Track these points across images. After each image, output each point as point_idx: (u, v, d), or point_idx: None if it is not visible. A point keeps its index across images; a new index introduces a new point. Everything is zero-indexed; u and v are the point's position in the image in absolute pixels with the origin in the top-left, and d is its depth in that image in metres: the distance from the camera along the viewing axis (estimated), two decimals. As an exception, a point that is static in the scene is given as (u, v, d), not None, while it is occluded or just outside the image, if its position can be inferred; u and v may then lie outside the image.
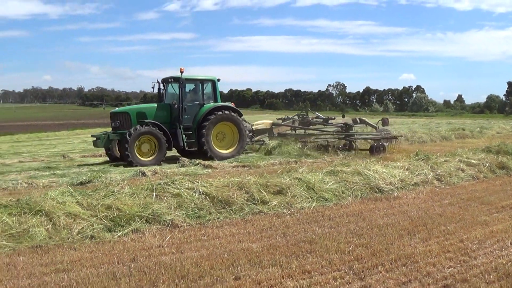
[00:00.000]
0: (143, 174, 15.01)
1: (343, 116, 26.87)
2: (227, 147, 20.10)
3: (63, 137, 40.54)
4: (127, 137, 17.58)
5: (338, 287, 6.15)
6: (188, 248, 7.84)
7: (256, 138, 23.53)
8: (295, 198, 10.73)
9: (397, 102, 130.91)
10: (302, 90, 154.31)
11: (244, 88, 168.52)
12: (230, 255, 7.38)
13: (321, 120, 27.95)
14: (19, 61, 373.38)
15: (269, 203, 10.34)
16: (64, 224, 8.55)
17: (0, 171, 17.25)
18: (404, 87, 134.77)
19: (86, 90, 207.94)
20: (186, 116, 19.41)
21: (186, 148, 19.23)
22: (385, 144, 20.83)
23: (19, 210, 8.77)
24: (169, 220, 9.14)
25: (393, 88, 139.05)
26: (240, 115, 20.36)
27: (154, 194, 9.94)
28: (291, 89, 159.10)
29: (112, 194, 9.77)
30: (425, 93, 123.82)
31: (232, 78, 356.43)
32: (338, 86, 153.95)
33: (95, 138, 19.01)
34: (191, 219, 9.40)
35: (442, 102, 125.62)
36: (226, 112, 19.79)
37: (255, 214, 9.93)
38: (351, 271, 6.61)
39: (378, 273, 6.53)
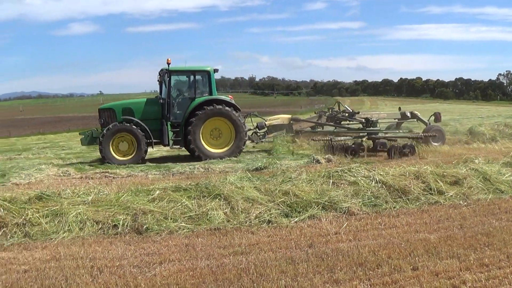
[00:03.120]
0: (317, 161, 15.13)
1: (399, 109, 22.57)
2: (223, 145, 17.61)
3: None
4: (105, 132, 16.50)
5: (517, 282, 5.84)
6: (365, 236, 7.75)
7: (271, 135, 20.53)
8: (471, 189, 10.31)
9: None
10: (473, 79, 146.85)
11: (414, 77, 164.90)
12: (407, 245, 7.22)
13: (346, 114, 22.70)
14: (191, 52, 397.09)
15: (446, 194, 10.00)
16: (242, 208, 8.79)
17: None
18: None
19: (257, 79, 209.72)
20: (177, 112, 17.58)
21: (171, 146, 17.68)
22: (435, 143, 18.43)
23: (198, 193, 9.20)
24: (345, 207, 9.07)
25: None
26: (237, 110, 17.68)
27: (331, 181, 9.94)
28: (462, 78, 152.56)
29: (289, 180, 9.93)
30: None
31: (402, 67, 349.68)
32: (509, 75, 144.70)
33: (83, 136, 17.82)
34: (367, 207, 9.29)
35: None
36: (218, 106, 17.22)
37: (431, 204, 9.63)
38: (529, 266, 6.32)
39: (557, 270, 6.21)
